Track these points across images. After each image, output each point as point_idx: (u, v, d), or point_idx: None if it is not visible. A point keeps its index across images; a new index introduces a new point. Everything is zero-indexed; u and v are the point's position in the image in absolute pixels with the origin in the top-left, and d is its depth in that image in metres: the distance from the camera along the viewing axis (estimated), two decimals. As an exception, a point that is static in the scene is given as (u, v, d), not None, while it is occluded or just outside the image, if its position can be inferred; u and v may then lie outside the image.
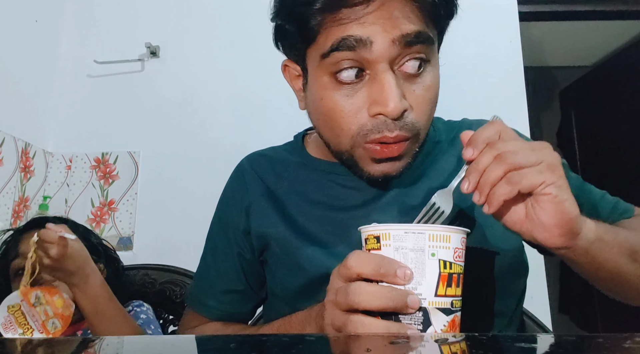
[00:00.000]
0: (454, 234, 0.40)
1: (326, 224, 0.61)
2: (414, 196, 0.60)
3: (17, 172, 1.46)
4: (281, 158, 0.72)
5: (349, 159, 0.56)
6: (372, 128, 0.51)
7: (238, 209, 0.69)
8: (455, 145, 0.64)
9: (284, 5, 0.53)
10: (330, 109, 0.53)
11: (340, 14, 0.49)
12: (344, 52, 0.49)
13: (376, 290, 0.39)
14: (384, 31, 0.48)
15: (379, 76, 0.50)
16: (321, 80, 0.53)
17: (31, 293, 0.82)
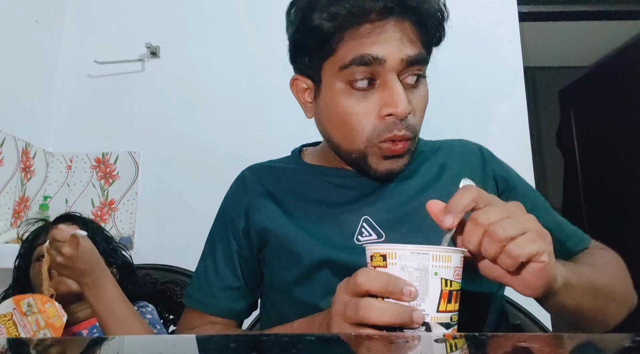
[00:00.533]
0: (454, 254, 0.44)
1: (322, 218, 0.67)
2: (401, 194, 0.68)
3: (17, 172, 1.46)
4: (279, 167, 0.79)
5: (359, 158, 0.64)
6: (384, 128, 0.60)
7: (238, 211, 0.74)
8: (437, 154, 0.74)
9: (306, 21, 0.61)
10: (346, 113, 0.61)
11: (359, 31, 0.58)
12: (362, 66, 0.58)
13: (385, 306, 0.42)
14: (395, 51, 0.58)
15: (390, 84, 0.59)
16: (337, 87, 0.62)
17: (23, 301, 0.80)
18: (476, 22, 1.63)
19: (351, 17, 0.57)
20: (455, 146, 0.76)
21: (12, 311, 0.80)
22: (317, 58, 0.63)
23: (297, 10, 0.63)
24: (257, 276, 0.74)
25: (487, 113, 1.56)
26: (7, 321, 0.79)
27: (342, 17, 0.57)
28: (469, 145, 0.78)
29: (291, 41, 0.66)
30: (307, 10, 0.60)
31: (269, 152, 1.56)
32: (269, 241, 0.69)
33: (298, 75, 0.69)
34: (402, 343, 0.34)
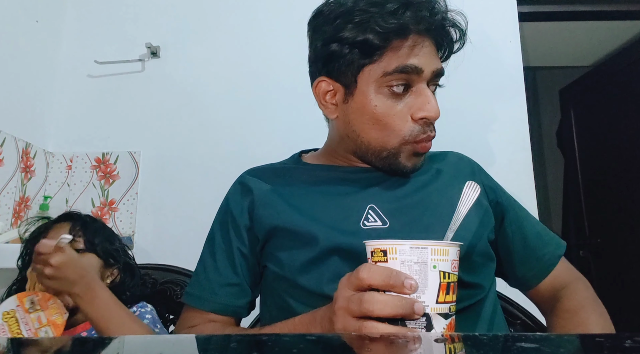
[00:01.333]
0: (451, 248, 0.46)
1: (327, 206, 0.71)
2: (402, 189, 0.73)
3: (17, 172, 1.46)
4: (280, 167, 0.82)
5: (391, 155, 0.70)
6: (420, 130, 0.68)
7: (239, 209, 0.75)
8: (432, 161, 0.79)
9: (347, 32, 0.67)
10: (383, 114, 0.68)
11: (403, 44, 0.66)
12: (403, 74, 0.66)
13: (387, 299, 0.44)
14: (430, 64, 0.68)
15: (424, 92, 0.68)
16: (376, 91, 0.68)
17: (26, 298, 0.81)
18: (476, 22, 1.63)
19: (398, 33, 0.65)
20: (448, 156, 0.83)
21: (16, 308, 0.80)
22: (356, 65, 0.68)
23: (331, 20, 0.69)
24: (256, 275, 0.75)
25: (487, 113, 1.56)
26: (10, 319, 0.79)
27: (390, 33, 0.65)
28: (461, 156, 0.84)
29: (324, 48, 0.70)
30: (346, 21, 0.67)
31: (269, 152, 1.57)
32: (275, 233, 0.70)
33: (325, 78, 0.72)
34: (403, 343, 0.34)
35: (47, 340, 0.47)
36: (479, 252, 0.69)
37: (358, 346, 0.36)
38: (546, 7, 1.88)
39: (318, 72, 0.73)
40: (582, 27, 2.45)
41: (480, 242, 0.70)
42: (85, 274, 0.83)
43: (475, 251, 0.69)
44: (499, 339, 0.36)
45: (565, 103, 2.81)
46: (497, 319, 0.70)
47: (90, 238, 0.95)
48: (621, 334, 0.31)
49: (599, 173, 2.48)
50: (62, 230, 0.94)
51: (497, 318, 0.70)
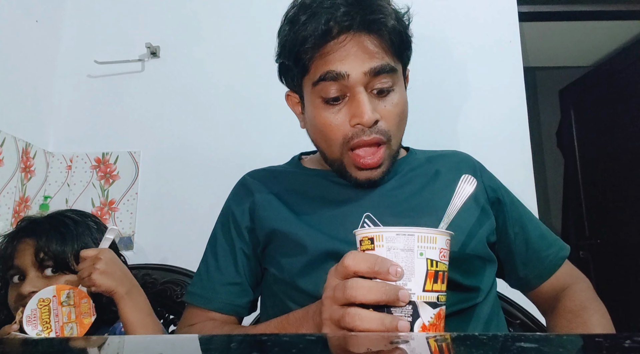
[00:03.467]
0: (439, 236, 0.45)
1: (325, 213, 0.71)
2: (400, 194, 0.73)
3: (17, 172, 1.46)
4: (280, 170, 0.83)
5: (339, 166, 0.70)
6: (352, 135, 0.66)
7: (241, 210, 0.76)
8: (432, 162, 0.79)
9: (284, 46, 0.69)
10: (322, 124, 0.68)
11: (324, 51, 0.64)
12: (329, 82, 0.65)
13: (371, 284, 0.44)
14: (358, 66, 0.64)
15: (356, 97, 0.65)
16: (313, 102, 0.68)
17: (64, 291, 0.82)
18: (476, 22, 1.63)
19: (315, 38, 0.64)
20: (449, 156, 0.82)
21: (52, 297, 0.82)
22: (296, 77, 0.70)
23: (279, 35, 0.71)
24: (257, 275, 0.76)
25: (487, 113, 1.56)
26: (44, 307, 0.81)
27: (308, 39, 0.64)
28: (463, 155, 0.83)
29: (277, 62, 0.74)
30: (284, 34, 0.69)
31: (268, 152, 1.57)
32: (275, 237, 0.71)
33: (289, 91, 0.77)
34: (402, 342, 0.34)
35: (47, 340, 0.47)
36: (476, 255, 0.69)
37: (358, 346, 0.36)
38: (546, 7, 1.88)
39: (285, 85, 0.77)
40: (582, 27, 2.45)
41: (478, 245, 0.70)
42: (129, 274, 0.85)
43: (473, 253, 0.68)
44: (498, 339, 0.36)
45: (565, 103, 2.81)
46: (495, 323, 0.70)
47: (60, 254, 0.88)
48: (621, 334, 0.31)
49: (599, 173, 2.48)
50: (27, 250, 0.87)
51: (495, 322, 0.70)
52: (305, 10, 0.65)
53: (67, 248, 0.89)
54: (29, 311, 0.79)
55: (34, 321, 0.79)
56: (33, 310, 0.80)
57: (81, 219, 0.96)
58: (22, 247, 0.89)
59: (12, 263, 0.88)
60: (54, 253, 0.87)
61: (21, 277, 0.88)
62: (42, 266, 0.87)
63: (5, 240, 0.92)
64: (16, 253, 0.89)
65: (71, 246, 0.89)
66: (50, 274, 0.88)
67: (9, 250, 0.90)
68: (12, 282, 0.90)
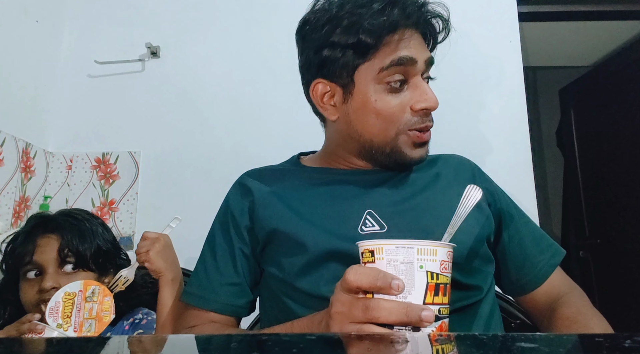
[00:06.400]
0: (440, 248, 0.45)
1: (326, 211, 0.71)
2: (401, 192, 0.73)
3: (17, 172, 1.46)
4: (279, 169, 0.82)
5: (394, 149, 0.71)
6: (417, 120, 0.69)
7: (240, 210, 0.76)
8: (432, 165, 0.79)
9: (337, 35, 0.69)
10: (383, 108, 0.69)
11: (393, 39, 0.67)
12: (398, 67, 0.68)
13: (392, 306, 0.43)
14: (422, 54, 0.69)
15: (420, 83, 0.69)
16: (374, 88, 0.69)
17: (91, 286, 0.83)
18: (476, 22, 1.63)
19: (388, 29, 0.67)
20: (449, 159, 0.82)
21: (78, 292, 0.83)
22: (351, 66, 0.69)
23: (320, 27, 0.70)
24: (256, 275, 0.75)
25: (487, 113, 1.56)
26: (68, 300, 0.82)
27: (382, 30, 0.66)
28: (461, 158, 0.84)
29: (317, 55, 0.71)
30: (335, 25, 0.69)
31: (268, 151, 1.57)
32: (275, 236, 0.70)
33: (322, 80, 0.73)
34: (402, 342, 0.34)
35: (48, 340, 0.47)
36: (477, 255, 0.69)
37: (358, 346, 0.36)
38: (546, 7, 1.88)
39: (312, 77, 0.74)
40: (582, 27, 2.45)
41: (480, 245, 0.70)
42: (178, 264, 0.91)
43: (475, 254, 0.69)
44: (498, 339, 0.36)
45: (565, 103, 2.81)
46: (494, 322, 0.70)
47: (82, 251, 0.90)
48: (621, 334, 0.31)
49: (599, 173, 2.48)
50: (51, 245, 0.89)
51: (494, 320, 0.70)
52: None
53: (87, 245, 0.91)
54: (53, 303, 0.80)
55: (56, 314, 0.80)
56: (57, 303, 0.80)
57: (92, 219, 0.98)
58: (44, 242, 0.89)
59: (31, 258, 0.88)
60: (77, 249, 0.89)
61: (36, 273, 0.88)
62: (63, 262, 0.88)
63: (21, 237, 0.92)
64: (37, 248, 0.89)
65: (89, 244, 0.91)
66: (69, 270, 0.89)
67: (29, 246, 0.90)
68: (25, 278, 0.89)
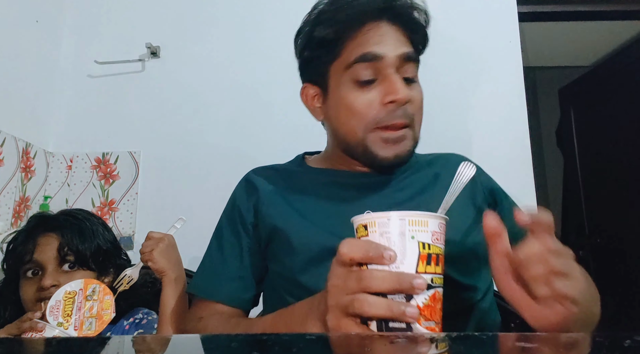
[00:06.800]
0: (430, 219, 0.46)
1: (327, 212, 0.72)
2: (401, 194, 0.74)
3: (17, 172, 1.46)
4: (284, 169, 0.83)
5: (364, 148, 0.70)
6: (385, 115, 0.67)
7: (247, 206, 0.78)
8: (431, 166, 0.79)
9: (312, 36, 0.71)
10: (352, 104, 0.68)
11: (358, 34, 0.66)
12: (364, 63, 0.66)
13: (385, 275, 0.44)
14: (392, 49, 0.67)
15: (390, 76, 0.66)
16: (344, 85, 0.69)
17: (91, 285, 0.84)
18: (476, 22, 1.63)
19: (350, 22, 0.66)
20: (448, 158, 0.82)
21: (78, 291, 0.83)
22: (323, 64, 0.71)
23: (303, 32, 0.73)
24: (261, 271, 0.77)
25: (487, 113, 1.56)
26: (69, 299, 0.82)
27: (342, 24, 0.66)
28: (461, 157, 0.83)
29: (301, 57, 0.76)
30: (312, 27, 0.71)
31: (269, 152, 1.57)
32: (277, 233, 0.72)
33: (307, 84, 0.77)
34: (402, 342, 0.34)
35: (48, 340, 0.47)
36: (477, 255, 0.69)
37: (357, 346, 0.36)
38: (546, 7, 1.88)
39: (302, 81, 0.78)
40: (582, 27, 2.45)
41: (476, 245, 0.70)
42: (182, 264, 0.92)
43: (474, 254, 0.69)
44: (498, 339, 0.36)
45: (564, 103, 2.81)
46: (492, 322, 0.70)
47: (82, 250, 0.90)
48: (621, 334, 0.31)
49: (598, 172, 2.48)
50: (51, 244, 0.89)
51: (492, 321, 0.70)
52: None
53: (87, 244, 0.92)
54: (54, 301, 0.81)
55: (56, 313, 0.80)
56: (58, 301, 0.81)
57: (93, 219, 0.99)
58: (44, 241, 0.90)
59: (31, 257, 0.89)
60: (77, 248, 0.90)
61: (36, 271, 0.89)
62: (63, 261, 0.89)
63: (21, 236, 0.93)
64: (37, 247, 0.90)
65: (89, 243, 0.92)
66: (68, 269, 0.89)
67: (29, 245, 0.90)
68: (25, 276, 0.90)
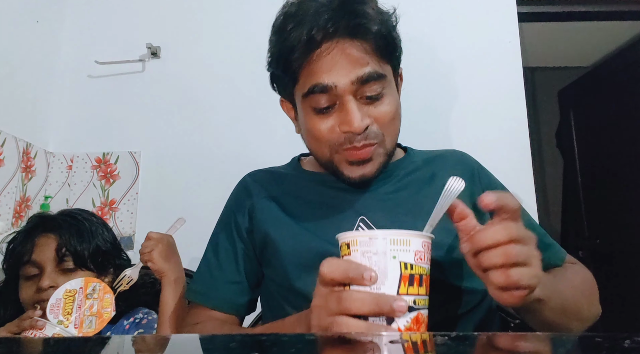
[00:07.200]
0: (413, 238, 0.45)
1: (321, 218, 0.72)
2: (395, 198, 0.73)
3: (18, 172, 1.46)
4: (279, 172, 0.83)
5: (331, 166, 0.70)
6: (343, 142, 0.66)
7: (242, 212, 0.78)
8: (429, 164, 0.78)
9: (274, 57, 0.70)
10: (312, 130, 0.68)
11: (311, 61, 0.64)
12: (317, 94, 0.65)
13: (364, 297, 0.43)
14: (344, 75, 0.63)
15: (345, 105, 0.64)
16: (305, 111, 0.69)
17: (92, 283, 0.84)
18: (476, 22, 1.63)
19: (300, 48, 0.63)
20: (447, 156, 0.80)
21: (78, 289, 0.83)
22: (288, 86, 0.71)
23: (269, 44, 0.72)
24: (258, 275, 0.77)
25: (487, 113, 1.56)
26: (69, 297, 0.82)
27: (294, 50, 0.63)
28: (460, 155, 0.82)
29: (269, 71, 0.75)
30: (272, 45, 0.70)
31: (268, 152, 1.57)
32: (270, 240, 0.72)
33: (282, 98, 0.78)
34: (402, 342, 0.34)
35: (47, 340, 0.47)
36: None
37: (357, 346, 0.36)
38: (546, 7, 1.88)
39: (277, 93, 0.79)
40: (581, 27, 2.45)
41: None
42: (181, 265, 0.93)
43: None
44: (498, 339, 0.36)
45: (564, 103, 2.81)
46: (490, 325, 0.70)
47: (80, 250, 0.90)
48: (621, 335, 0.31)
49: (598, 173, 2.48)
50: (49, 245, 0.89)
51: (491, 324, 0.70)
52: (290, 20, 0.65)
53: (85, 245, 0.91)
54: (54, 300, 0.81)
55: (56, 311, 0.80)
56: (58, 300, 0.81)
57: (93, 219, 0.99)
58: (42, 241, 0.90)
59: (30, 257, 0.89)
60: (75, 249, 0.90)
61: (37, 272, 0.89)
62: (62, 261, 0.89)
63: (20, 236, 0.93)
64: (35, 247, 0.90)
65: (88, 243, 0.92)
66: (66, 270, 0.89)
67: (28, 245, 0.90)
68: (24, 277, 0.90)
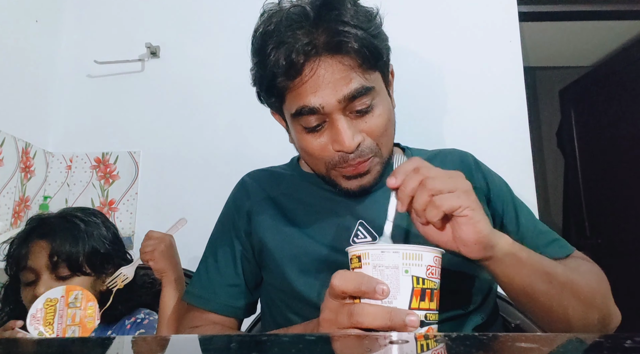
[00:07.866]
0: (426, 253, 0.44)
1: (320, 222, 0.70)
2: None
3: (17, 172, 1.46)
4: (278, 173, 0.82)
5: (329, 180, 0.69)
6: (338, 161, 0.65)
7: (241, 214, 0.77)
8: None
9: (257, 79, 0.69)
10: (305, 148, 0.67)
11: (295, 84, 0.62)
12: (305, 115, 0.63)
13: (377, 311, 0.42)
14: (331, 95, 0.61)
15: (335, 123, 0.63)
16: (295, 128, 0.67)
17: (73, 292, 0.82)
18: (476, 22, 1.63)
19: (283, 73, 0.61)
20: (447, 156, 0.79)
21: (60, 298, 0.81)
22: (276, 105, 0.70)
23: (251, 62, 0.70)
24: (257, 277, 0.76)
25: (487, 113, 1.56)
26: (50, 307, 0.80)
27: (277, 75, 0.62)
28: (460, 153, 0.81)
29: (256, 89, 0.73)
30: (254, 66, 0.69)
31: (268, 152, 1.56)
32: (270, 244, 0.71)
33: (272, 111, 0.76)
34: (402, 343, 0.34)
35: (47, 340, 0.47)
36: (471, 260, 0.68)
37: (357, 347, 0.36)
38: (546, 7, 1.87)
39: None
40: (582, 27, 2.45)
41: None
42: (180, 265, 0.93)
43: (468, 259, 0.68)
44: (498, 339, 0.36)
45: (565, 103, 2.81)
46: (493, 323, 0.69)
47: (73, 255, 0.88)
48: (621, 335, 0.31)
49: (599, 173, 2.48)
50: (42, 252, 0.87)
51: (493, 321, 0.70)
52: (269, 40, 0.64)
53: (80, 249, 0.89)
54: (34, 309, 0.78)
55: (37, 321, 0.78)
56: (39, 310, 0.79)
57: (89, 218, 0.96)
58: (35, 249, 0.89)
59: (26, 264, 0.88)
60: (68, 255, 0.88)
61: (34, 278, 0.88)
62: (56, 268, 0.87)
63: (18, 241, 0.92)
64: (30, 254, 0.89)
65: (83, 247, 0.90)
66: (63, 276, 0.88)
67: (23, 250, 0.89)
68: (24, 282, 0.89)
